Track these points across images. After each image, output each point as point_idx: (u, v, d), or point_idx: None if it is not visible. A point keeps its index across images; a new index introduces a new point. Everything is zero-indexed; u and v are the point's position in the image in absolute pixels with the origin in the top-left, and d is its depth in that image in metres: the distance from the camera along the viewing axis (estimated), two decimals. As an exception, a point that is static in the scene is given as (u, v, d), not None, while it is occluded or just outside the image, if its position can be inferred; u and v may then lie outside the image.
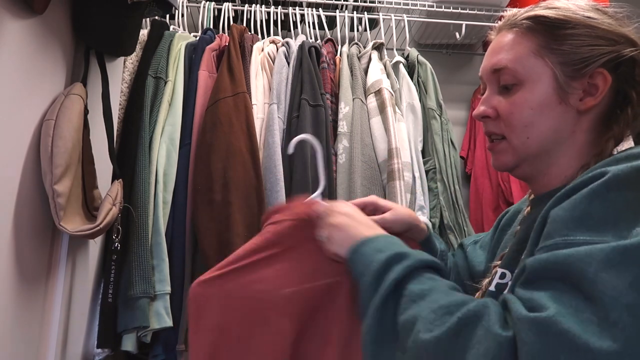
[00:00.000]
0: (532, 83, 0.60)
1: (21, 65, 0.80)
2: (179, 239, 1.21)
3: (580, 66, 0.58)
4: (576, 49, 0.58)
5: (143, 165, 1.17)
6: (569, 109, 0.59)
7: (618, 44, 0.58)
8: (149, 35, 1.35)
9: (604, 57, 0.57)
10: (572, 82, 0.59)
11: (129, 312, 1.09)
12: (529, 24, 0.61)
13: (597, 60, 0.58)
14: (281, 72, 1.39)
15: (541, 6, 0.62)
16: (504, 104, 0.62)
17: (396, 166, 1.30)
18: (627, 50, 0.57)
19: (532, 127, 0.60)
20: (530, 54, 0.60)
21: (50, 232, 0.91)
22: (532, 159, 0.62)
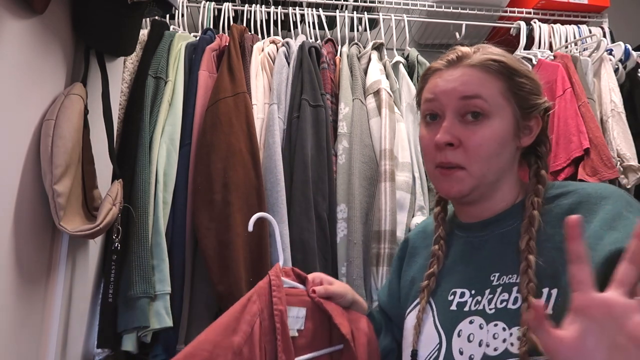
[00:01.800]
0: (500, 119, 0.68)
1: (21, 65, 0.80)
2: (179, 239, 1.21)
3: (529, 110, 0.70)
4: (527, 96, 0.70)
5: (143, 165, 1.17)
6: (514, 145, 0.70)
7: (543, 97, 0.71)
8: (149, 35, 1.35)
9: (541, 106, 0.71)
10: (525, 122, 0.70)
11: (129, 312, 1.09)
12: (496, 67, 0.69)
13: (538, 107, 0.71)
14: (281, 72, 1.39)
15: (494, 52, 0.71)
16: (471, 135, 0.67)
17: (383, 168, 1.30)
18: (547, 102, 0.72)
19: (495, 159, 0.68)
20: (499, 93, 0.68)
21: (50, 232, 0.91)
22: (484, 187, 0.70)
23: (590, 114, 1.43)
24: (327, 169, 1.30)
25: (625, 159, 1.43)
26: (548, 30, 1.75)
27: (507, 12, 1.85)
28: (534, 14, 1.85)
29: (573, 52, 1.69)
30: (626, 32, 1.99)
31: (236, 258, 1.13)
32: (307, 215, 1.22)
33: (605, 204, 0.62)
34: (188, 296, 1.17)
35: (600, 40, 1.61)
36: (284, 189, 1.24)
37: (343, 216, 1.27)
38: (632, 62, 1.68)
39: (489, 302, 0.65)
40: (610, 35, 1.86)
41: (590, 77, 1.57)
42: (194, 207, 1.20)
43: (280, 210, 1.21)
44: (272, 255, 1.18)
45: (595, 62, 1.61)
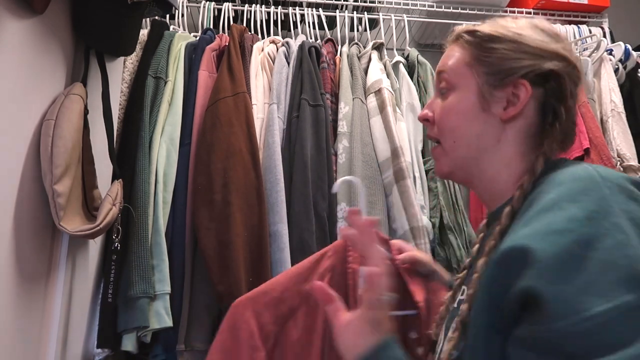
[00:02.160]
0: (460, 90, 0.64)
1: (21, 65, 0.80)
2: (179, 239, 1.21)
3: (502, 76, 0.62)
4: (501, 62, 0.62)
5: (143, 165, 1.17)
6: (492, 117, 0.62)
7: (542, 59, 0.61)
8: (149, 35, 1.35)
9: (524, 70, 0.61)
10: (495, 92, 0.62)
11: (128, 312, 1.09)
12: (467, 38, 0.65)
13: (517, 72, 0.61)
14: (281, 72, 1.39)
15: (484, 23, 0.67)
16: (436, 109, 0.67)
17: (404, 165, 1.30)
18: (548, 64, 0.60)
19: (457, 131, 0.64)
20: (463, 63, 0.65)
21: (50, 232, 0.91)
22: (462, 164, 0.65)
23: (590, 114, 1.43)
24: (327, 169, 1.30)
25: (625, 159, 1.44)
26: (548, 30, 1.74)
27: (507, 12, 1.85)
28: (534, 14, 1.85)
29: (573, 52, 1.69)
30: (626, 32, 1.99)
31: (236, 258, 1.13)
32: (306, 214, 1.22)
33: (550, 193, 0.51)
34: (188, 296, 1.17)
35: (600, 40, 1.62)
36: (283, 188, 1.24)
37: (344, 215, 1.27)
38: (632, 62, 1.68)
39: None
40: (610, 35, 1.86)
41: (590, 77, 1.57)
42: (194, 207, 1.20)
43: (280, 210, 1.21)
44: (272, 255, 1.18)
45: (595, 62, 1.61)
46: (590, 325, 0.41)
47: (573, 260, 0.44)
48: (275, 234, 1.19)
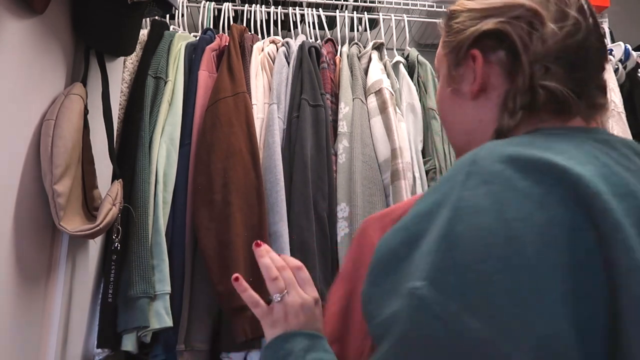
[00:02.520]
0: (440, 76, 0.61)
1: (21, 65, 0.80)
2: (179, 239, 1.21)
3: (457, 52, 0.55)
4: (455, 37, 0.56)
5: (143, 165, 1.17)
6: (465, 98, 0.55)
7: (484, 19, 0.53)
8: (149, 35, 1.35)
9: (469, 39, 0.54)
10: (458, 70, 0.56)
11: (129, 312, 1.09)
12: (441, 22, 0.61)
13: (464, 43, 0.54)
14: (281, 72, 1.39)
15: None
16: None
17: (400, 166, 1.30)
18: (486, 24, 0.52)
19: (445, 120, 0.61)
20: (440, 48, 0.60)
21: (50, 232, 0.91)
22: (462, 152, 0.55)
23: (590, 114, 1.43)
24: (327, 169, 1.30)
25: (625, 159, 1.44)
26: (548, 30, 1.74)
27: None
28: (534, 14, 1.85)
29: (573, 52, 1.69)
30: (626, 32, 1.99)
31: (236, 258, 1.13)
32: (306, 214, 1.22)
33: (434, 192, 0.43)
34: (188, 296, 1.17)
35: (600, 40, 1.61)
36: (283, 188, 1.24)
37: (344, 215, 1.27)
38: (632, 62, 1.68)
39: None
40: (610, 35, 1.86)
41: (590, 77, 1.56)
42: (194, 207, 1.20)
43: (280, 210, 1.21)
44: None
45: (595, 62, 1.60)
46: (381, 329, 0.40)
47: (393, 262, 0.41)
48: (275, 234, 1.19)
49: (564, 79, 0.49)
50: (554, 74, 0.49)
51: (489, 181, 0.39)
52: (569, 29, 0.49)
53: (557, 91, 0.49)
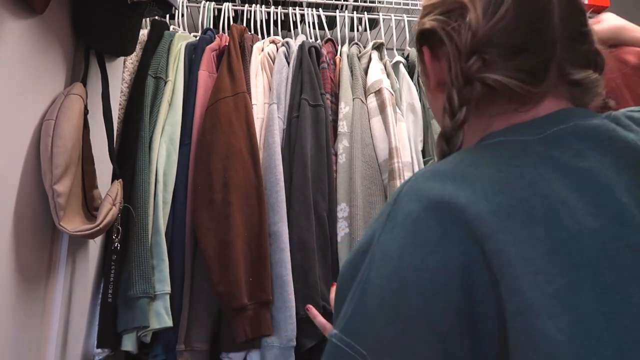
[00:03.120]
0: None
1: (21, 65, 0.80)
2: (179, 239, 1.21)
3: (418, 48, 0.55)
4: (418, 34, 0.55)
5: (143, 165, 1.17)
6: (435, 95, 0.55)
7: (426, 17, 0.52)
8: (149, 35, 1.35)
9: (418, 37, 0.54)
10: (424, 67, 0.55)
11: (128, 312, 1.09)
12: None
13: (418, 40, 0.54)
14: (281, 72, 1.39)
15: None
16: None
17: (396, 165, 1.30)
18: (427, 19, 0.51)
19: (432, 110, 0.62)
20: None
21: (50, 232, 0.91)
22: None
23: (590, 114, 1.42)
24: (327, 169, 1.30)
25: (625, 159, 1.43)
26: (548, 30, 1.74)
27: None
28: (534, 13, 1.85)
29: (573, 52, 1.69)
30: (626, 32, 1.99)
31: (236, 258, 1.13)
32: (306, 214, 1.22)
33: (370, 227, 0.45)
34: (188, 296, 1.17)
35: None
36: (283, 188, 1.24)
37: (344, 215, 1.27)
38: (632, 62, 1.68)
39: None
40: (610, 35, 1.86)
41: (590, 77, 1.56)
42: (194, 207, 1.20)
43: (280, 210, 1.21)
44: (272, 255, 1.18)
45: (595, 62, 1.60)
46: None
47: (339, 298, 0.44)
48: (275, 234, 1.19)
49: (505, 67, 0.45)
50: (490, 64, 0.45)
51: (400, 224, 0.40)
52: (502, 12, 0.45)
53: (496, 83, 0.45)
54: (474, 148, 0.47)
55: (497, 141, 0.46)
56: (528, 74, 0.45)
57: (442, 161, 0.45)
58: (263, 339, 1.14)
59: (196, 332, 1.14)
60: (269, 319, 1.14)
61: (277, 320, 1.14)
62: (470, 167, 0.43)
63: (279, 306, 1.15)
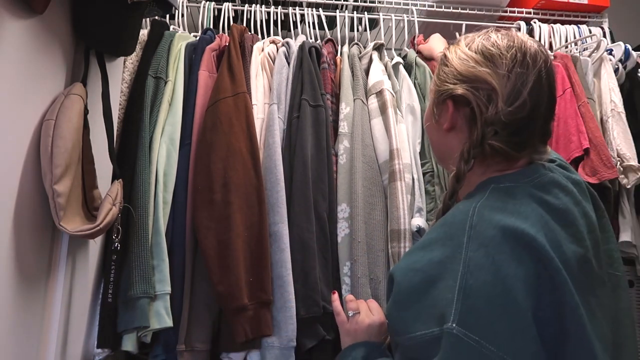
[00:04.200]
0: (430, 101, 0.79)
1: (21, 65, 0.80)
2: (179, 239, 1.21)
3: (438, 95, 0.74)
4: (440, 83, 0.74)
5: (143, 165, 1.17)
6: (441, 129, 0.74)
7: (461, 83, 0.69)
8: (149, 35, 1.35)
9: (448, 92, 0.71)
10: (438, 108, 0.75)
11: (129, 312, 1.09)
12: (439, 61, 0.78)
13: (445, 93, 0.72)
14: (281, 72, 1.39)
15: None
16: None
17: (397, 167, 1.30)
18: (459, 89, 0.69)
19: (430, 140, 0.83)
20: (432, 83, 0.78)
21: (50, 232, 0.91)
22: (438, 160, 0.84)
23: (590, 114, 1.43)
24: (327, 169, 1.30)
25: (625, 159, 1.43)
26: (548, 30, 1.74)
27: (507, 12, 1.85)
28: (534, 13, 1.85)
29: (573, 52, 1.69)
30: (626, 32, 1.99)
31: (236, 258, 1.13)
32: (307, 215, 1.22)
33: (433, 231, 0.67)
34: (188, 296, 1.17)
35: (600, 40, 1.61)
36: (283, 189, 1.24)
37: (344, 215, 1.27)
38: (632, 62, 1.68)
39: None
40: (610, 35, 1.86)
41: (590, 77, 1.57)
42: (194, 207, 1.20)
43: (280, 210, 1.21)
44: (272, 255, 1.18)
45: (595, 62, 1.61)
46: (413, 342, 0.58)
47: (416, 294, 0.60)
48: (275, 234, 1.19)
49: (507, 141, 0.67)
50: (501, 136, 0.66)
51: (485, 244, 0.57)
52: (519, 107, 0.65)
53: (500, 149, 0.67)
54: (498, 189, 0.66)
55: (509, 186, 0.66)
56: (519, 146, 0.68)
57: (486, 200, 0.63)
58: (263, 339, 1.14)
59: (196, 332, 1.14)
60: (269, 319, 1.14)
61: (277, 320, 1.14)
62: (515, 205, 0.62)
63: (279, 306, 1.15)
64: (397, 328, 0.62)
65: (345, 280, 1.22)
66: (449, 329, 0.53)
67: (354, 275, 1.21)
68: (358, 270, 1.21)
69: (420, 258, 0.62)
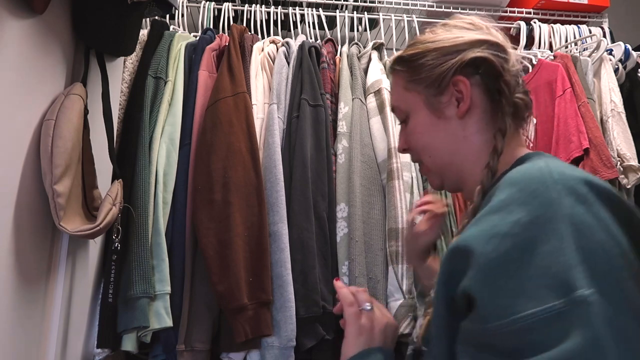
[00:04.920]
0: (413, 113, 0.71)
1: (21, 65, 0.80)
2: (179, 239, 1.21)
3: (438, 83, 0.67)
4: (431, 72, 0.68)
5: (143, 165, 1.17)
6: (450, 120, 0.68)
7: (463, 52, 0.66)
8: (149, 35, 1.35)
9: (453, 68, 0.66)
10: (440, 98, 0.68)
11: (129, 312, 1.09)
12: (396, 67, 0.73)
13: (448, 73, 0.66)
14: (281, 72, 1.39)
15: (408, 45, 0.74)
16: (407, 137, 0.74)
17: (395, 165, 1.30)
18: (469, 54, 0.65)
19: (428, 147, 0.71)
20: (403, 90, 0.72)
21: (50, 232, 0.91)
22: (446, 172, 0.71)
23: (590, 114, 1.43)
24: (327, 169, 1.30)
25: (625, 159, 1.44)
26: (548, 30, 1.75)
27: (507, 12, 1.85)
28: (534, 14, 1.85)
29: (573, 52, 1.69)
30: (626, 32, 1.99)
31: (236, 258, 1.13)
32: (306, 214, 1.22)
33: (502, 193, 0.53)
34: (188, 296, 1.17)
35: (600, 40, 1.61)
36: (283, 188, 1.24)
37: (343, 215, 1.27)
38: (632, 62, 1.68)
39: None
40: (610, 35, 1.86)
41: (590, 77, 1.57)
42: (194, 207, 1.20)
43: (279, 210, 1.21)
44: (272, 255, 1.18)
45: (595, 62, 1.61)
46: (518, 326, 0.44)
47: (509, 264, 0.47)
48: (275, 234, 1.19)
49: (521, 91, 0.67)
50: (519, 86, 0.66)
51: (582, 201, 0.49)
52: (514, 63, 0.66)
53: (521, 100, 0.66)
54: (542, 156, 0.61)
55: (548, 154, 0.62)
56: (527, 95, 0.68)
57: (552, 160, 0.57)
58: (263, 339, 1.14)
59: (196, 332, 1.14)
60: (269, 319, 1.14)
61: (277, 320, 1.15)
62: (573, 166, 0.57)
63: (279, 306, 1.15)
64: (487, 314, 0.47)
65: (343, 280, 1.22)
66: (582, 296, 0.43)
67: (352, 275, 1.21)
68: (356, 269, 1.21)
69: (500, 222, 0.49)
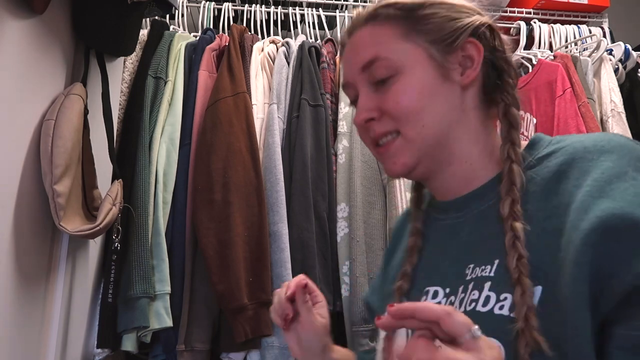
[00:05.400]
0: (410, 68, 0.56)
1: (21, 65, 0.80)
2: (179, 239, 1.21)
3: (450, 40, 0.56)
4: (441, 25, 0.56)
5: (143, 165, 1.17)
6: (454, 87, 0.56)
7: (475, 14, 0.57)
8: (149, 35, 1.35)
9: (469, 27, 0.56)
10: (449, 57, 0.56)
11: (129, 312, 1.09)
12: (387, 13, 0.58)
13: (464, 31, 0.56)
14: (281, 72, 1.39)
15: None
16: (386, 98, 0.56)
17: None
18: (483, 18, 0.57)
19: (424, 112, 0.55)
20: (399, 40, 0.57)
21: (50, 232, 0.91)
22: (432, 150, 0.56)
23: (590, 114, 1.43)
24: (327, 169, 1.30)
25: (625, 159, 1.43)
26: (548, 30, 1.74)
27: (507, 12, 1.85)
28: (534, 14, 1.85)
29: (573, 52, 1.69)
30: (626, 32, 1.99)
31: (236, 258, 1.13)
32: (306, 214, 1.22)
33: (604, 161, 0.46)
34: (188, 296, 1.17)
35: (600, 40, 1.61)
36: (283, 188, 1.24)
37: (343, 215, 1.27)
38: (632, 62, 1.68)
39: (460, 304, 0.52)
40: (610, 35, 1.86)
41: (590, 77, 1.56)
42: (194, 207, 1.20)
43: (279, 210, 1.21)
44: (272, 255, 1.18)
45: (595, 62, 1.60)
46: None
47: None
48: (275, 234, 1.19)
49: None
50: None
51: None
52: None
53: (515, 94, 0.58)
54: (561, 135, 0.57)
55: None
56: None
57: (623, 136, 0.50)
58: (263, 339, 1.14)
59: (196, 332, 1.14)
60: (269, 319, 1.14)
61: (277, 320, 1.14)
62: None
63: (279, 306, 1.15)
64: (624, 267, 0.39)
65: (344, 280, 1.22)
66: None
67: (353, 275, 1.21)
68: (357, 269, 1.21)
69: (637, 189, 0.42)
